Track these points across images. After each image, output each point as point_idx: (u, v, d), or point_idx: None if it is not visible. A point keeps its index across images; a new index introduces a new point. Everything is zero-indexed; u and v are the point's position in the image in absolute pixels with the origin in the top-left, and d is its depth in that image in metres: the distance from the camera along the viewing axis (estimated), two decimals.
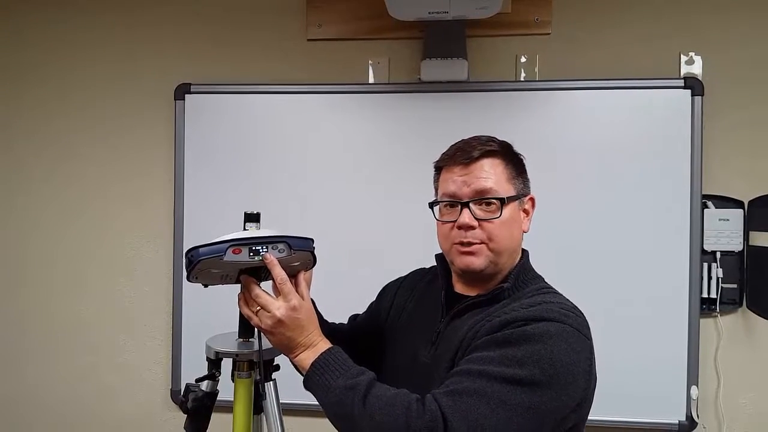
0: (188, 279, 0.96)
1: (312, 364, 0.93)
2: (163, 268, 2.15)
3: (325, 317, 1.19)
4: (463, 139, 1.06)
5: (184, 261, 0.95)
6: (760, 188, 1.92)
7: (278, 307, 0.93)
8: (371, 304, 1.27)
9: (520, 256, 1.05)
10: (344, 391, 0.88)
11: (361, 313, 1.28)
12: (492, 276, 1.02)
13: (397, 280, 1.26)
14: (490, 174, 1.00)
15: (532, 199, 1.07)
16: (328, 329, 1.18)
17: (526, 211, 1.05)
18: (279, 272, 0.95)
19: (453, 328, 1.00)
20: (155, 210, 2.15)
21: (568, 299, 0.99)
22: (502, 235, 0.99)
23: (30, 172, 2.23)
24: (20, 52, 2.23)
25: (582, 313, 0.96)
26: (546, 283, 1.05)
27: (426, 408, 0.83)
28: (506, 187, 1.00)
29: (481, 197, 0.98)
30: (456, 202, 1.00)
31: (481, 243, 0.99)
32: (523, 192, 1.04)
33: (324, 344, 0.96)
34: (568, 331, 0.88)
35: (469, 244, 0.99)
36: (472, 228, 0.98)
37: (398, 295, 1.20)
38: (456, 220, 1.00)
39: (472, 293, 1.03)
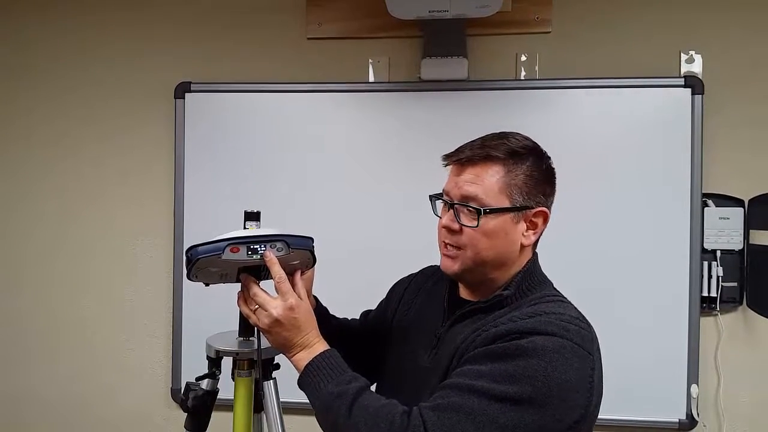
0: (188, 277, 0.97)
1: (306, 366, 0.92)
2: (163, 267, 2.15)
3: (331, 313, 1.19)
4: (482, 137, 0.99)
5: (184, 259, 0.95)
6: (761, 187, 1.92)
7: (275, 306, 0.93)
8: (381, 301, 1.25)
9: (526, 261, 0.99)
10: (332, 397, 0.87)
11: (372, 309, 1.27)
12: (484, 282, 0.98)
13: (407, 277, 1.23)
14: (481, 180, 0.94)
15: (543, 213, 0.97)
16: (339, 325, 1.18)
17: (533, 224, 0.97)
18: (278, 271, 0.95)
19: (453, 334, 0.97)
20: (155, 209, 2.15)
21: (574, 308, 0.94)
22: (480, 245, 0.94)
23: (30, 172, 2.22)
24: (20, 51, 2.22)
25: (587, 325, 0.91)
26: (552, 289, 1.00)
27: (410, 422, 0.81)
28: (496, 198, 0.93)
29: (463, 203, 0.94)
30: (446, 201, 0.98)
31: (461, 248, 0.96)
32: (525, 204, 0.95)
33: (320, 346, 0.95)
34: (566, 347, 0.84)
35: (450, 246, 0.97)
36: (453, 230, 0.96)
37: (406, 294, 1.18)
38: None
39: (475, 299, 1.00)
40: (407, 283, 1.21)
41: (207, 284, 1.01)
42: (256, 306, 0.95)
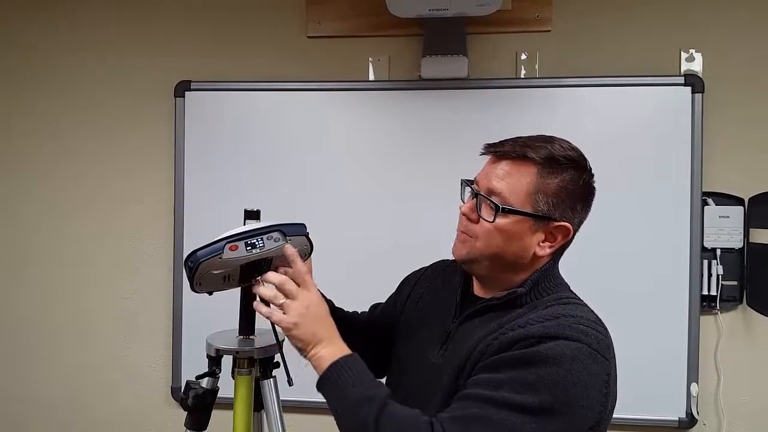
0: (192, 288, 0.95)
1: (331, 364, 0.90)
2: (163, 265, 2.15)
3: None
4: (529, 135, 0.98)
5: (184, 271, 0.93)
6: (761, 185, 1.91)
7: (306, 295, 0.93)
8: (391, 295, 1.23)
9: (541, 266, 0.97)
10: (360, 400, 0.85)
11: (381, 303, 1.25)
12: (495, 280, 0.98)
13: (418, 271, 1.21)
14: (510, 178, 0.92)
15: (565, 228, 0.94)
16: (345, 318, 1.16)
17: (552, 236, 0.94)
18: (301, 263, 0.94)
19: (464, 331, 0.96)
20: (155, 208, 2.15)
21: (591, 311, 0.93)
22: (491, 241, 0.93)
23: (30, 171, 2.22)
24: (19, 50, 2.22)
25: (604, 329, 0.90)
26: (569, 292, 0.99)
27: None
28: (521, 200, 0.91)
29: (486, 196, 0.93)
30: (472, 189, 0.97)
31: (472, 238, 0.95)
32: (548, 215, 0.92)
33: (344, 347, 0.93)
34: (584, 352, 0.83)
35: (463, 233, 0.97)
36: (471, 219, 0.95)
37: (416, 288, 1.16)
38: None
39: (488, 296, 0.98)
40: (417, 277, 1.19)
41: (210, 293, 0.99)
42: (282, 301, 0.93)
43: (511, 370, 0.83)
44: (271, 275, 0.95)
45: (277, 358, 1.07)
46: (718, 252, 1.92)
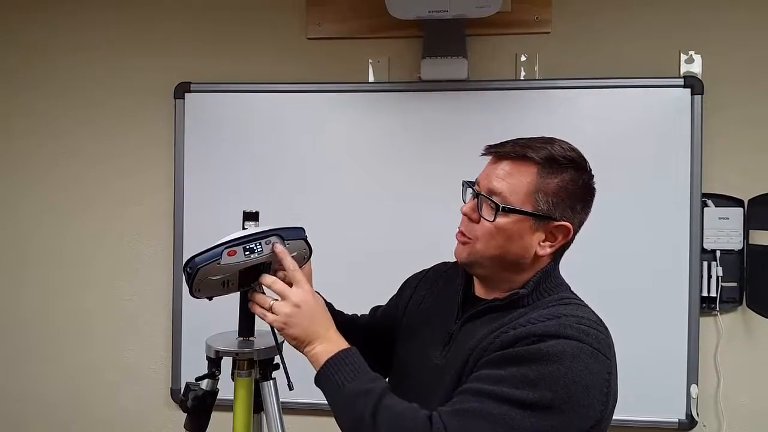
0: (192, 294, 0.94)
1: (327, 360, 0.90)
2: (163, 267, 2.15)
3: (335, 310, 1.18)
4: (530, 137, 0.98)
5: (183, 277, 0.93)
6: (760, 187, 1.92)
7: (295, 293, 0.93)
8: (392, 297, 1.23)
9: (543, 266, 0.97)
10: (356, 395, 0.86)
11: (382, 305, 1.25)
12: (497, 280, 0.98)
13: (419, 273, 1.22)
14: (511, 178, 0.93)
15: (565, 228, 0.94)
16: (345, 321, 1.17)
17: (552, 236, 0.95)
18: (290, 261, 0.95)
19: (466, 332, 0.96)
20: (155, 209, 2.15)
21: (592, 312, 0.93)
22: (491, 241, 0.93)
23: (30, 171, 2.22)
24: (19, 50, 2.22)
25: (605, 329, 0.90)
26: (570, 293, 0.99)
27: (432, 427, 0.81)
28: (521, 199, 0.92)
29: (487, 195, 0.94)
30: (473, 190, 0.97)
31: (472, 239, 0.95)
32: (548, 214, 0.92)
33: (341, 342, 0.93)
34: (585, 351, 0.83)
35: (464, 234, 0.97)
36: (471, 219, 0.95)
37: (417, 290, 1.16)
38: None
39: (490, 297, 0.99)
40: (419, 279, 1.19)
41: (210, 298, 0.98)
42: (271, 302, 0.94)
43: (512, 366, 0.83)
44: (262, 277, 0.96)
45: (277, 360, 1.07)
46: (718, 253, 1.92)
